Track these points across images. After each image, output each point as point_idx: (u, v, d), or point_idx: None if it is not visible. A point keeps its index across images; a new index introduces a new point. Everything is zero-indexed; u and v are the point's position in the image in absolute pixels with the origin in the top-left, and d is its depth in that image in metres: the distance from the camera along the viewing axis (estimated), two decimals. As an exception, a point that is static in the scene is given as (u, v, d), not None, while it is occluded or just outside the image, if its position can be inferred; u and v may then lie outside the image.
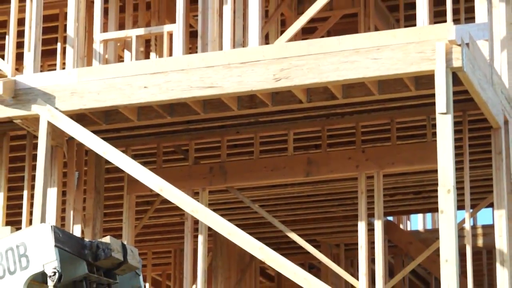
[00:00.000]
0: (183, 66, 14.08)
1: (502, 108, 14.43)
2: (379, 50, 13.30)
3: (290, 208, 18.68)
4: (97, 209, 15.92)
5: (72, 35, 15.15)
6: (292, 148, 15.86)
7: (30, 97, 14.42)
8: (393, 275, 17.06)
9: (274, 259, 13.46)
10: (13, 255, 9.31)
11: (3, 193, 14.96)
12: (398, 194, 18.03)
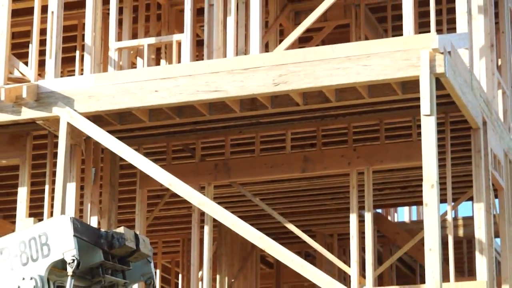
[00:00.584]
0: (191, 72, 14.09)
1: (480, 111, 14.43)
2: (369, 57, 13.32)
3: (288, 201, 18.67)
4: (112, 202, 15.94)
5: (89, 44, 15.16)
6: (289, 146, 15.88)
7: (51, 100, 14.43)
8: (382, 263, 17.09)
9: (273, 248, 13.48)
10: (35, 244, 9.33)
11: (26, 188, 14.96)
12: (386, 189, 18.03)
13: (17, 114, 14.52)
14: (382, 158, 15.43)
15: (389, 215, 21.46)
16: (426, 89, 12.82)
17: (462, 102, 13.60)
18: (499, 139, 15.49)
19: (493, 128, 15.02)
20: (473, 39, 14.69)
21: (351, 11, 17.70)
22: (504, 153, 15.84)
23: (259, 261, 19.90)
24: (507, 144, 16.20)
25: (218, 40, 14.78)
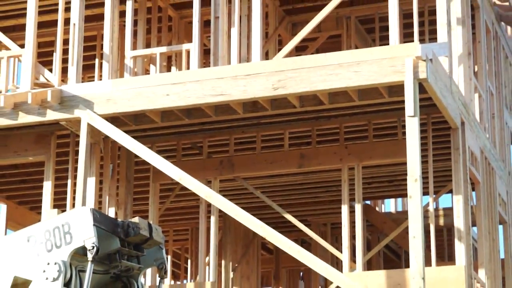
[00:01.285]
0: (198, 77, 14.07)
1: (459, 112, 14.40)
2: (358, 64, 13.29)
3: (285, 194, 18.63)
4: (127, 195, 15.91)
5: (107, 52, 15.13)
6: (287, 144, 15.85)
7: (73, 103, 14.42)
8: (370, 249, 17.03)
9: (273, 236, 13.45)
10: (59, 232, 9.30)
11: (51, 182, 14.94)
12: (374, 182, 17.98)
13: (43, 115, 14.51)
14: (371, 155, 15.41)
15: (377, 206, 21.43)
16: (410, 93, 12.79)
17: (442, 105, 13.58)
18: (475, 138, 15.47)
19: (470, 128, 14.99)
20: (452, 48, 14.67)
21: (342, 23, 17.67)
22: (480, 150, 15.82)
23: (260, 248, 19.87)
24: (483, 143, 16.18)
25: (223, 49, 14.75)
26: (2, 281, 9.64)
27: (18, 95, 14.50)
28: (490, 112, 17.46)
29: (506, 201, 18.28)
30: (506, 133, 19.12)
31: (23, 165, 16.52)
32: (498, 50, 18.84)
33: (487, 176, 16.25)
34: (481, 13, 16.98)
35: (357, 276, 14.31)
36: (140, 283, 9.84)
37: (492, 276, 15.95)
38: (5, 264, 9.63)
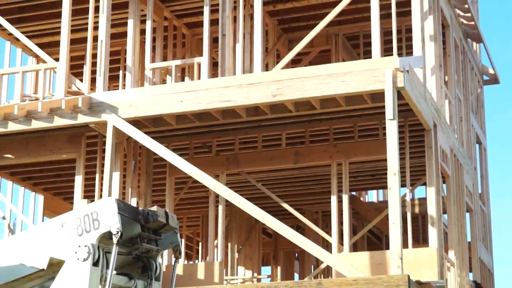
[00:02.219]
0: (208, 86, 14.08)
1: (432, 116, 14.41)
2: (345, 75, 13.29)
3: (283, 186, 18.63)
4: (147, 187, 15.92)
5: (130, 65, 15.15)
6: (284, 144, 15.85)
7: (100, 108, 14.43)
8: (356, 233, 17.04)
9: (272, 222, 13.45)
10: (88, 219, 9.31)
11: (81, 176, 14.94)
12: (359, 176, 17.99)
13: (74, 119, 14.51)
14: (356, 152, 15.41)
15: (361, 196, 21.44)
16: (390, 100, 12.79)
17: (417, 109, 13.58)
18: (446, 138, 15.48)
19: (441, 130, 15.00)
20: (425, 61, 14.68)
21: (331, 39, 17.67)
22: (450, 149, 15.83)
23: (261, 233, 19.87)
24: (452, 142, 16.19)
25: (229, 61, 14.75)
26: (40, 261, 9.66)
27: (54, 102, 14.52)
28: (458, 116, 17.48)
29: (472, 192, 18.31)
30: (472, 134, 19.15)
31: (57, 161, 16.51)
32: (465, 62, 18.87)
33: (456, 171, 16.26)
34: (450, 31, 16.99)
35: (344, 256, 14.32)
36: (158, 263, 9.84)
37: (460, 256, 15.97)
38: (42, 247, 9.64)
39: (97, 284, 9.08)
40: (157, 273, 9.81)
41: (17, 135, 15.28)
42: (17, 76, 15.87)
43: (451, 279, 15.20)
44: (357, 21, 17.24)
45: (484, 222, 19.81)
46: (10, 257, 9.91)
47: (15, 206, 17.88)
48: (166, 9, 16.60)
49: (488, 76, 21.46)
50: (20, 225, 17.62)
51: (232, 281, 17.01)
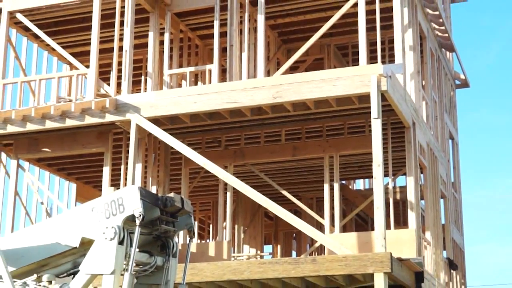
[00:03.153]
0: (218, 89, 14.08)
1: (411, 115, 14.39)
2: (337, 79, 13.28)
3: (282, 176, 18.64)
4: (165, 176, 15.93)
5: (150, 71, 15.15)
6: (283, 139, 15.88)
7: (125, 109, 14.43)
8: (345, 216, 17.04)
9: (273, 207, 13.44)
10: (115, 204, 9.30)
11: (109, 167, 14.95)
12: (348, 167, 18.00)
13: (102, 118, 14.52)
14: (346, 146, 15.42)
15: (350, 185, 21.43)
16: (375, 101, 12.78)
17: (398, 110, 13.58)
18: (423, 134, 15.46)
19: (419, 127, 14.99)
20: (405, 68, 14.67)
21: (324, 49, 17.68)
22: (427, 143, 15.82)
23: (263, 216, 19.88)
24: (429, 138, 16.17)
25: (236, 68, 14.76)
26: (73, 240, 9.66)
27: (85, 103, 14.52)
28: (434, 115, 17.47)
29: (446, 181, 18.29)
30: (446, 131, 19.14)
31: (88, 154, 16.53)
32: (440, 69, 18.85)
33: (431, 163, 16.25)
34: (427, 42, 16.98)
35: (335, 236, 14.33)
36: (174, 242, 9.83)
37: (436, 237, 15.97)
38: (75, 228, 9.65)
39: (122, 260, 9.08)
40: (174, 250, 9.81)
41: (53, 132, 15.29)
42: (53, 81, 15.87)
43: (427, 256, 15.20)
44: (346, 34, 17.24)
45: (456, 207, 19.79)
46: (47, 236, 9.92)
47: (51, 193, 17.91)
48: (181, 23, 16.59)
49: (459, 81, 21.44)
50: (56, 210, 17.64)
51: (238, 258, 17.02)
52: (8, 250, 10.00)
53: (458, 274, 18.98)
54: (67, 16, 16.45)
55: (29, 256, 9.98)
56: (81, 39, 17.27)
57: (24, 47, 16.95)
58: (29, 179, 17.03)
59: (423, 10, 16.61)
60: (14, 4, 15.62)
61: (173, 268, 9.75)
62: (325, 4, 15.88)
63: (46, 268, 10.04)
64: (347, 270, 12.32)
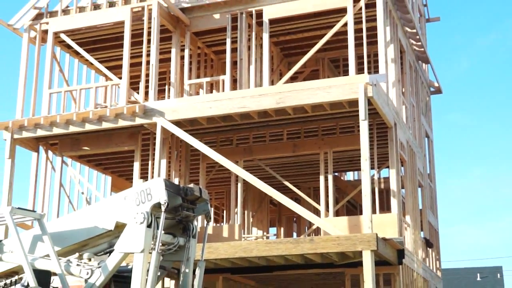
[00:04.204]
0: (230, 96, 14.08)
1: (393, 117, 14.37)
2: (330, 87, 13.27)
3: (285, 169, 18.58)
4: (186, 170, 15.93)
5: (173, 81, 15.15)
6: (285, 138, 15.87)
7: (152, 113, 14.44)
8: (338, 203, 17.02)
9: (277, 195, 13.44)
10: (144, 193, 9.31)
11: (138, 162, 14.98)
12: (340, 161, 17.97)
13: (133, 121, 14.54)
14: (338, 144, 15.40)
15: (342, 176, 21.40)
16: (362, 105, 12.76)
17: (382, 113, 13.55)
18: (403, 133, 15.43)
19: (400, 127, 14.96)
20: (388, 77, 14.64)
21: (319, 62, 17.66)
22: (406, 141, 15.78)
23: (268, 203, 19.86)
24: (408, 136, 16.14)
25: (245, 78, 14.75)
26: (109, 224, 9.67)
27: (118, 108, 14.54)
28: (412, 117, 17.43)
29: (423, 173, 18.25)
30: (422, 130, 19.10)
31: (121, 152, 16.57)
32: (417, 78, 18.80)
33: (410, 157, 16.22)
34: (406, 55, 16.94)
35: (329, 220, 14.31)
36: (194, 225, 9.84)
37: (414, 219, 15.94)
38: (110, 214, 9.66)
39: (150, 241, 9.09)
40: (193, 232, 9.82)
41: (92, 133, 15.34)
42: (91, 90, 15.90)
43: (407, 236, 15.17)
44: (338, 49, 17.22)
45: (431, 194, 19.74)
46: (87, 221, 9.93)
47: (90, 184, 17.94)
48: (199, 41, 16.59)
49: (434, 88, 21.38)
50: (94, 198, 17.67)
51: (248, 238, 17.02)
52: (54, 232, 10.02)
53: (433, 251, 18.95)
54: (102, 36, 16.47)
55: (72, 237, 10.00)
56: (115, 55, 17.29)
57: (67, 62, 16.99)
58: (72, 173, 17.07)
59: (402, 28, 16.57)
60: (58, 26, 15.66)
61: (193, 247, 9.76)
62: (319, 24, 15.86)
63: (86, 248, 10.06)
64: (340, 248, 12.32)
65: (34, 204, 15.39)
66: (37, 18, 15.93)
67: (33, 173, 15.66)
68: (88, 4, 15.60)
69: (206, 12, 15.45)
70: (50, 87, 15.54)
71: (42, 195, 15.76)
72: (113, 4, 15.42)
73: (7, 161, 15.14)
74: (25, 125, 15.05)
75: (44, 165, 16.02)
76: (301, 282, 17.34)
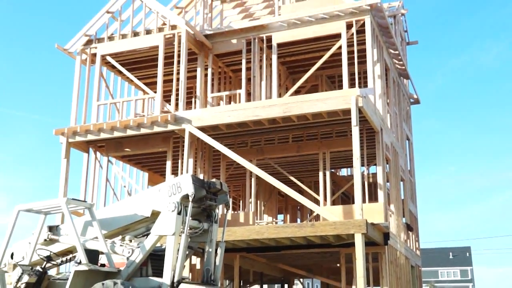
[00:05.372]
0: (245, 107, 14.07)
1: (379, 123, 14.30)
2: (327, 99, 13.23)
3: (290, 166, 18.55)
4: (209, 167, 15.92)
5: (198, 94, 15.16)
6: (291, 140, 15.82)
7: (181, 121, 14.46)
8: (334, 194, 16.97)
9: (284, 188, 13.40)
10: (175, 186, 9.33)
11: (170, 161, 15.01)
12: (336, 160, 17.91)
13: (165, 127, 14.57)
14: (334, 145, 15.36)
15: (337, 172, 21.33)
16: (354, 114, 12.72)
17: (370, 119, 13.49)
18: (388, 137, 15.36)
19: (385, 131, 14.89)
20: (375, 90, 14.59)
21: (319, 78, 17.62)
22: (390, 143, 15.70)
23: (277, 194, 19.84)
24: (392, 139, 16.05)
25: (257, 92, 14.73)
26: (146, 212, 9.70)
27: (153, 117, 14.58)
28: (395, 123, 17.34)
29: (404, 169, 18.14)
30: (404, 134, 18.98)
31: (156, 152, 16.60)
32: (400, 91, 18.71)
33: (394, 156, 16.13)
34: (390, 72, 16.86)
35: (327, 208, 14.27)
36: (216, 213, 9.86)
37: (397, 208, 15.85)
38: (147, 203, 9.69)
39: (180, 225, 9.11)
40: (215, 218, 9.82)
41: (132, 137, 15.38)
42: (132, 102, 15.98)
43: (392, 222, 15.10)
44: (334, 67, 17.18)
45: (412, 187, 19.63)
46: (128, 209, 9.96)
47: (131, 179, 17.99)
48: (219, 61, 16.61)
49: (413, 99, 21.26)
50: (133, 191, 17.72)
51: (260, 223, 17.00)
52: (102, 219, 10.07)
53: (413, 234, 18.84)
54: (140, 58, 16.53)
55: (116, 223, 10.04)
56: (151, 73, 17.35)
57: (111, 79, 17.06)
58: (115, 170, 17.13)
59: (387, 50, 16.51)
60: (105, 50, 15.75)
61: (215, 231, 9.78)
62: (318, 47, 15.83)
63: (127, 231, 10.09)
64: (336, 232, 12.29)
65: (85, 196, 15.47)
66: (88, 44, 16.03)
67: (84, 170, 15.75)
68: (129, 32, 15.68)
69: (225, 38, 15.48)
70: (98, 99, 15.62)
71: (91, 188, 15.84)
72: (149, 31, 15.49)
73: (63, 160, 15.24)
74: (77, 131, 15.15)
75: (93, 164, 16.10)
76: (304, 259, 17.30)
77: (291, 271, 19.48)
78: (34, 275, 9.75)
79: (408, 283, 16.29)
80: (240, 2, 17.24)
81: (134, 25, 15.82)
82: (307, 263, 18.57)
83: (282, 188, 13.42)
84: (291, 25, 14.83)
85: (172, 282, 8.89)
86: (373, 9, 14.21)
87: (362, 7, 14.12)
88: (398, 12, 18.39)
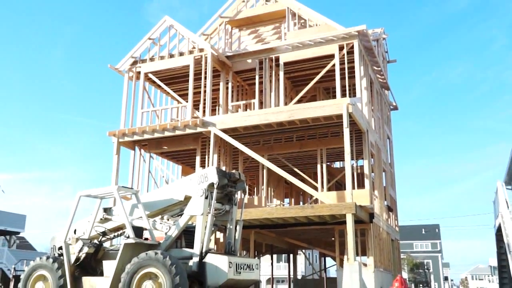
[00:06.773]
0: (258, 113, 14.00)
1: (365, 126, 14.17)
2: (324, 106, 13.13)
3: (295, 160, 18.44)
4: (230, 161, 15.85)
5: (221, 103, 15.12)
6: (295, 139, 15.72)
7: (207, 124, 14.43)
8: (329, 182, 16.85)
9: (289, 177, 13.31)
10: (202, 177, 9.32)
11: (199, 156, 14.92)
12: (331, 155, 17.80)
13: (195, 129, 14.56)
14: (330, 143, 15.25)
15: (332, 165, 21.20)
16: (345, 118, 12.62)
17: (359, 122, 13.37)
18: (372, 136, 15.22)
19: (370, 132, 14.76)
20: (362, 99, 14.47)
21: (317, 89, 17.51)
22: (375, 141, 15.57)
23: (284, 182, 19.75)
24: (375, 138, 15.90)
25: (268, 101, 14.66)
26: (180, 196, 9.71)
27: (185, 121, 14.55)
28: (378, 125, 17.18)
29: (386, 162, 17.98)
30: (385, 134, 18.81)
31: (187, 150, 16.61)
32: (382, 100, 18.55)
33: (377, 152, 15.97)
34: (374, 84, 16.72)
35: (324, 193, 14.19)
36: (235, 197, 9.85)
37: (380, 193, 15.71)
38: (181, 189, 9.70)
39: (206, 207, 9.10)
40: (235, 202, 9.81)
41: (169, 137, 15.40)
42: (168, 110, 16.01)
43: (375, 204, 14.97)
44: (329, 81, 17.07)
45: (392, 176, 19.44)
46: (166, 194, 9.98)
47: (168, 171, 18.03)
48: (238, 77, 16.58)
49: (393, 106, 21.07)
50: (170, 180, 17.75)
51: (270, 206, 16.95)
52: (145, 202, 10.10)
53: (393, 214, 18.67)
54: (175, 74, 16.55)
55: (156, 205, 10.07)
56: (183, 87, 17.37)
57: (152, 92, 17.12)
58: (156, 164, 17.19)
59: (371, 67, 16.37)
60: (147, 68, 15.83)
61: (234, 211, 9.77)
62: (316, 65, 15.74)
63: (165, 212, 10.12)
64: (331, 212, 12.23)
65: (132, 184, 15.54)
66: (133, 64, 16.09)
67: (131, 164, 15.83)
68: (166, 54, 15.73)
69: (242, 58, 15.45)
70: (142, 108, 15.66)
71: (137, 178, 15.92)
72: (182, 54, 15.51)
73: (115, 156, 15.32)
74: (126, 133, 15.21)
75: (138, 159, 16.16)
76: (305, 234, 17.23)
77: (295, 244, 19.43)
78: (92, 246, 9.84)
79: (389, 253, 16.16)
80: (254, 29, 17.21)
81: (170, 49, 15.86)
82: (308, 237, 18.50)
83: (288, 178, 13.37)
84: (294, 47, 14.77)
85: (201, 252, 8.91)
86: (360, 34, 14.13)
87: (351, 33, 14.05)
88: (380, 37, 18.24)
